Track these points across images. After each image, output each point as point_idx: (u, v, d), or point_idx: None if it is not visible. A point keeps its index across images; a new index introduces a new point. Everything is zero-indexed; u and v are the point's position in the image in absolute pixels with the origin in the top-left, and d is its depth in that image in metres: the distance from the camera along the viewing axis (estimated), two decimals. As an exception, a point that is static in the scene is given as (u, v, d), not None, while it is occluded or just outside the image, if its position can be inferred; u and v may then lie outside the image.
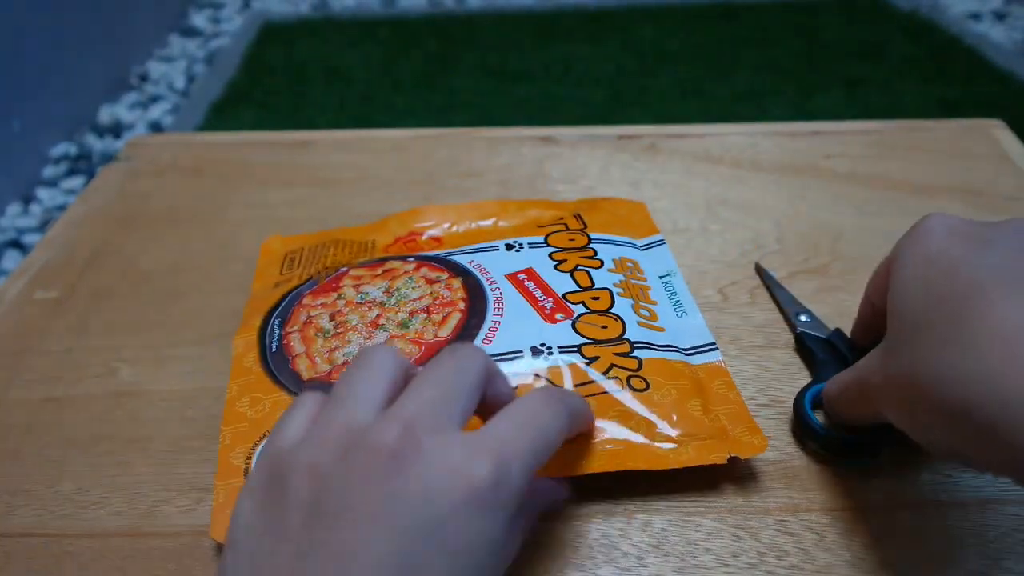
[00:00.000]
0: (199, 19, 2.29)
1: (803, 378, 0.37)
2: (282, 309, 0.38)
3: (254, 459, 0.31)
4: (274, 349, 0.35)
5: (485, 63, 1.98)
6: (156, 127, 1.81)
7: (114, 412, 0.36)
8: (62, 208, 1.54)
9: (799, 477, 0.32)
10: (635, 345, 0.33)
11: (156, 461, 0.34)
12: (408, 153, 0.54)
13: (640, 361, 0.33)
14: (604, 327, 0.34)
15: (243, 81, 1.95)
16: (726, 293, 0.41)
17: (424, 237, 0.42)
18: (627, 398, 0.31)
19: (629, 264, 0.38)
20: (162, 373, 0.38)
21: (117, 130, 1.79)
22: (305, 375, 0.33)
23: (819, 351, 0.36)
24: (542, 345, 0.33)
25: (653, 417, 0.31)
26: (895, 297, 0.27)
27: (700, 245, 0.45)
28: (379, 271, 0.38)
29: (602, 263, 0.37)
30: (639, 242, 0.41)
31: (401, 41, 2.11)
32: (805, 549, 0.29)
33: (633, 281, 0.37)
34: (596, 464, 0.29)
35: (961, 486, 0.31)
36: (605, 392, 0.31)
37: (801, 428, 0.33)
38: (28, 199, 1.57)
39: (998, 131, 0.54)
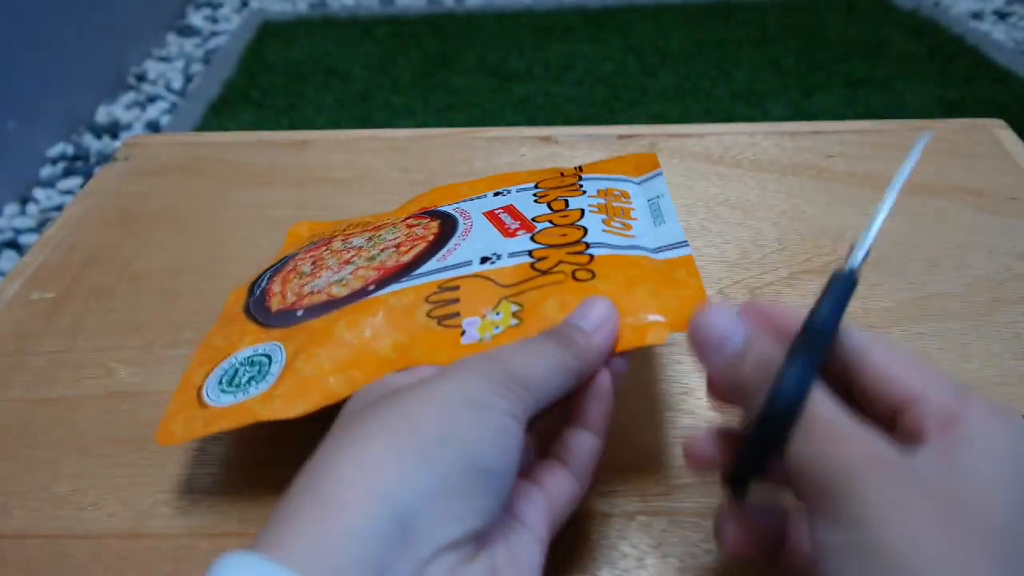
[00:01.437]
0: (197, 18, 2.29)
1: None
2: (277, 266, 0.39)
3: (208, 378, 0.32)
4: (257, 294, 0.37)
5: (484, 62, 1.98)
6: (154, 127, 1.81)
7: (111, 413, 0.36)
8: (59, 209, 1.53)
9: (800, 478, 0.32)
10: (591, 245, 0.32)
11: (153, 462, 0.33)
12: (407, 153, 0.54)
13: (592, 257, 0.31)
14: (564, 235, 0.33)
15: (241, 81, 1.94)
16: (727, 293, 0.41)
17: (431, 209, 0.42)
18: (569, 287, 0.30)
19: (616, 192, 0.37)
20: (160, 374, 0.38)
21: (114, 130, 1.79)
22: (274, 309, 0.34)
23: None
24: (492, 254, 0.32)
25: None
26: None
27: (700, 245, 0.45)
28: (371, 228, 0.39)
29: (584, 192, 0.36)
30: (637, 179, 0.39)
31: (400, 40, 2.11)
32: (806, 551, 0.29)
33: (615, 204, 0.36)
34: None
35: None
36: (545, 285, 0.30)
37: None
38: (25, 199, 1.57)
39: (1000, 131, 0.53)
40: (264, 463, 0.33)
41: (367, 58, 2.02)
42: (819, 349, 0.22)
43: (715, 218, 0.47)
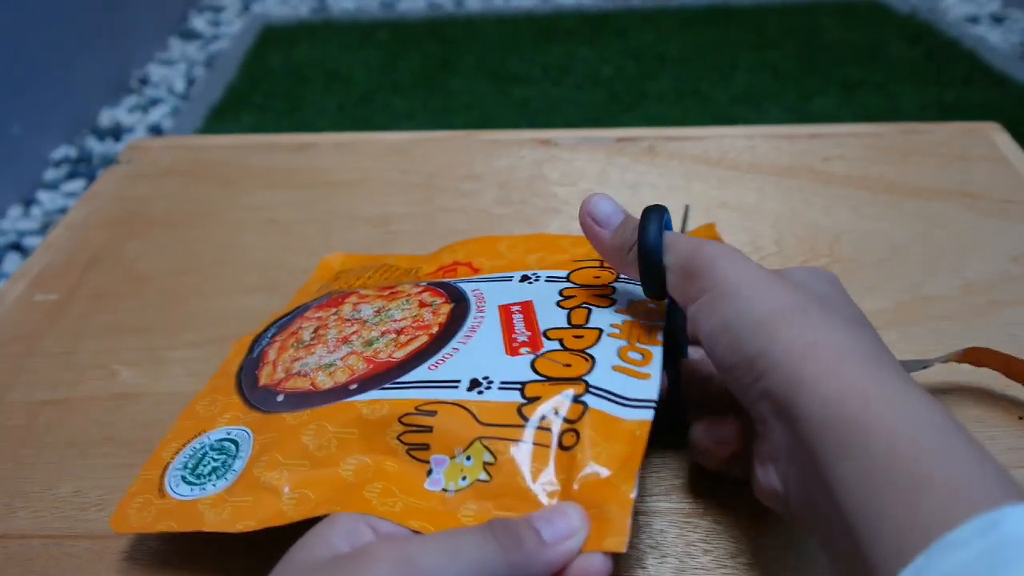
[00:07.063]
0: (199, 22, 2.30)
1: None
2: (285, 319, 0.37)
3: (177, 456, 0.31)
4: (254, 355, 0.35)
5: (484, 66, 1.99)
6: (156, 130, 1.81)
7: (114, 414, 0.36)
8: (63, 211, 1.54)
9: (797, 478, 0.32)
10: (591, 389, 0.28)
11: (156, 463, 0.34)
12: (407, 156, 0.55)
13: (585, 408, 0.27)
14: (568, 365, 0.29)
15: (243, 84, 1.95)
16: (724, 295, 0.41)
17: (464, 266, 0.39)
18: (547, 456, 0.27)
19: (652, 305, 0.32)
20: (162, 375, 0.38)
21: (117, 133, 1.79)
22: (261, 382, 0.33)
23: None
24: (484, 379, 0.29)
25: (550, 495, 0.26)
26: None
27: (698, 247, 0.45)
28: (386, 293, 0.36)
29: (614, 302, 0.33)
30: None
31: (400, 44, 2.11)
32: (803, 550, 0.29)
33: (643, 322, 0.31)
34: None
35: (958, 487, 0.31)
36: (521, 440, 0.27)
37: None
38: (29, 202, 1.57)
39: (996, 134, 0.54)
40: (266, 463, 0.33)
41: (368, 61, 2.03)
42: (661, 213, 0.30)
43: (713, 220, 0.47)
